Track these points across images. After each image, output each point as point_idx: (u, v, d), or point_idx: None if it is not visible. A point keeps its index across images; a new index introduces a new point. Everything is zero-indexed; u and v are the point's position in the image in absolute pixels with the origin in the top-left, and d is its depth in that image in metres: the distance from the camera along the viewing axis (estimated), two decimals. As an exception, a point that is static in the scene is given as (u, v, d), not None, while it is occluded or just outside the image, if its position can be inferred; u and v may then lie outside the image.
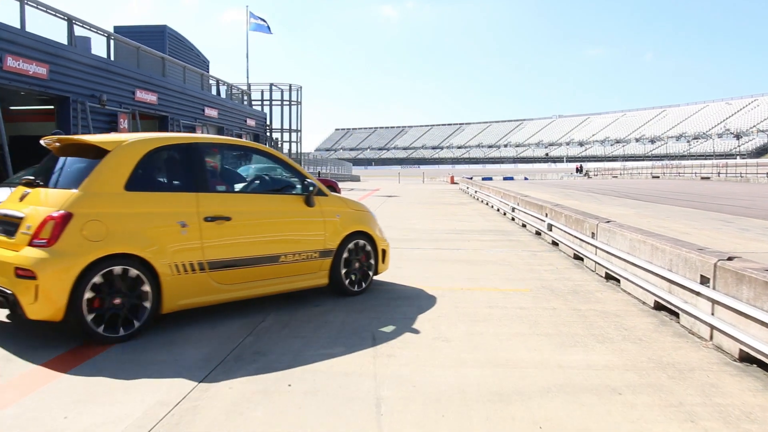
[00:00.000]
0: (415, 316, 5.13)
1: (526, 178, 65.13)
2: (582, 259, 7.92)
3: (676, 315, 5.04)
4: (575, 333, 4.67)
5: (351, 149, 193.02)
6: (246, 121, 27.74)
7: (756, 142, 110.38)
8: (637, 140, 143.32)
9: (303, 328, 4.77)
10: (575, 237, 8.14)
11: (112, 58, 16.84)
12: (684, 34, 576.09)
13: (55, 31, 14.98)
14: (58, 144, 4.88)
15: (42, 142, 5.00)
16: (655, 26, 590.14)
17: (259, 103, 33.69)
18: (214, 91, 27.77)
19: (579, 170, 77.40)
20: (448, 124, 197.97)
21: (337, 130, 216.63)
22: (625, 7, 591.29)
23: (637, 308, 5.51)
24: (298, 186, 5.58)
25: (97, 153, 4.51)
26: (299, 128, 35.09)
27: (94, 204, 4.26)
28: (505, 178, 63.28)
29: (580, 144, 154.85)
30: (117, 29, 29.73)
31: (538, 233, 10.98)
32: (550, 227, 9.79)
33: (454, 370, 3.82)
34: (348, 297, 5.81)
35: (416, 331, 4.69)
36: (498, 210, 16.67)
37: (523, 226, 12.48)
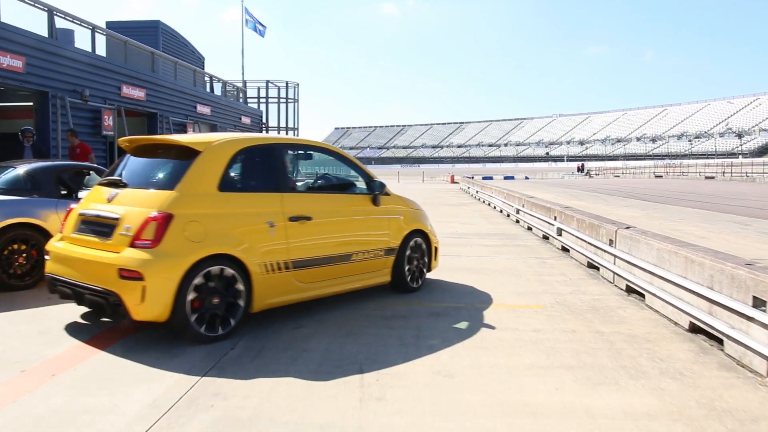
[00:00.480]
0: (410, 342, 4.38)
1: (526, 177, 64.33)
2: (597, 269, 7.17)
3: (719, 341, 4.28)
4: (602, 365, 3.92)
5: (350, 148, 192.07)
6: (240, 118, 26.85)
7: (758, 141, 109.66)
8: (638, 139, 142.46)
9: (278, 358, 4.01)
10: (589, 243, 7.39)
11: (99, 52, 16.10)
12: (684, 34, 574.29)
13: (35, 24, 14.25)
14: (134, 144, 4.93)
15: (120, 142, 5.06)
16: (655, 25, 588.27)
17: (255, 100, 32.93)
18: (208, 89, 27.03)
19: (580, 169, 76.65)
20: (448, 123, 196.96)
21: (336, 129, 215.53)
22: (625, 7, 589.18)
23: (668, 330, 4.76)
24: (363, 185, 5.69)
25: (184, 153, 4.52)
26: (296, 126, 34.28)
27: (192, 205, 4.27)
28: (505, 178, 62.43)
29: (581, 143, 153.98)
30: (109, 24, 28.95)
31: (545, 237, 10.23)
32: (559, 232, 9.03)
33: (459, 420, 3.07)
34: (331, 318, 5.07)
35: (412, 362, 3.94)
36: (501, 211, 15.92)
37: (529, 229, 11.72)
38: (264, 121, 32.12)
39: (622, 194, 25.60)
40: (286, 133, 33.49)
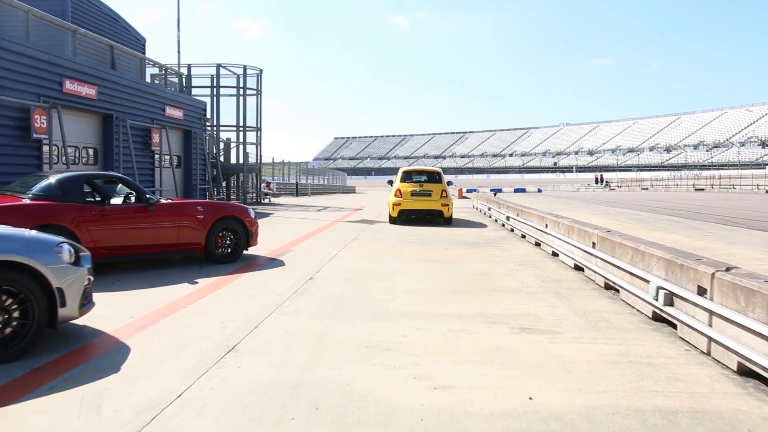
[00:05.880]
0: None
1: (539, 190, 56.56)
2: None
3: None
4: None
5: (350, 158, 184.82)
6: (165, 109, 18.94)
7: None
8: (651, 149, 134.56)
9: None
10: None
11: None
12: (691, 44, 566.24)
13: None
14: (411, 170, 16.57)
15: (406, 169, 16.63)
16: (661, 36, 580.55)
17: (208, 92, 25.17)
18: (150, 75, 19.37)
19: (599, 181, 68.57)
20: (451, 133, 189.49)
21: (336, 138, 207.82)
22: (630, 18, 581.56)
23: None
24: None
25: (433, 173, 16.15)
26: (259, 125, 26.24)
27: (446, 186, 15.80)
28: (516, 190, 54.71)
29: (590, 153, 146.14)
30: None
31: None
32: None
33: None
34: None
35: None
36: (581, 270, 7.89)
37: (749, 376, 3.74)
38: (211, 115, 24.16)
39: (715, 219, 17.55)
40: (245, 133, 25.54)
